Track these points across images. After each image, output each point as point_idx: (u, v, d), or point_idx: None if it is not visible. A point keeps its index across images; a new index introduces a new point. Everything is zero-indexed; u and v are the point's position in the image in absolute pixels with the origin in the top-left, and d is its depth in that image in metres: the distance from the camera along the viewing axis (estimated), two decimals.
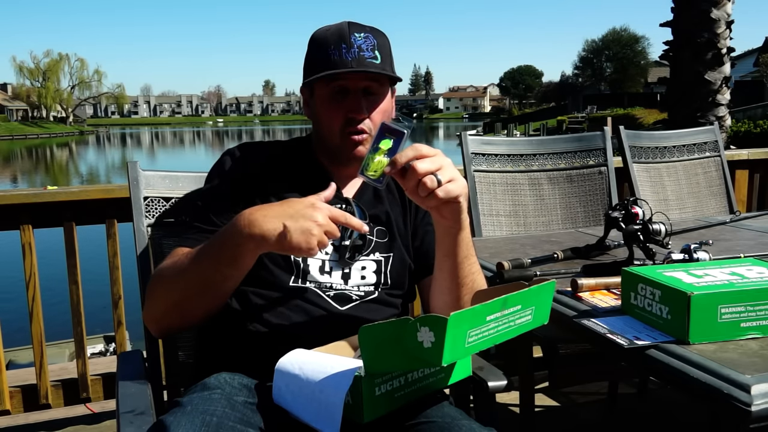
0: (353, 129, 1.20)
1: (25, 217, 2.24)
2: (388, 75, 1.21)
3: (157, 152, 54.71)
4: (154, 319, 1.19)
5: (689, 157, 2.63)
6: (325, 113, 1.23)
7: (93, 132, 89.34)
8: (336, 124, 1.21)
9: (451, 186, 0.99)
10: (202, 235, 1.16)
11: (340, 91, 1.20)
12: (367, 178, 1.01)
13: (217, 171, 1.28)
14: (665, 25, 6.42)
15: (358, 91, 1.20)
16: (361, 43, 1.19)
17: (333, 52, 1.18)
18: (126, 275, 2.28)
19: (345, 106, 1.20)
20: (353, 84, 1.20)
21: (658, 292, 1.04)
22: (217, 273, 1.07)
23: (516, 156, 2.26)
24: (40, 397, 2.34)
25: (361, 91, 1.20)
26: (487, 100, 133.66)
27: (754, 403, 0.83)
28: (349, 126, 1.20)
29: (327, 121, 1.22)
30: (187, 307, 1.13)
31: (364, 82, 1.20)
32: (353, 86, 1.20)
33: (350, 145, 1.21)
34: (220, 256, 1.05)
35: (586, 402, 2.53)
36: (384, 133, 1.01)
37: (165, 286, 1.13)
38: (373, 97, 1.22)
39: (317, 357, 1.04)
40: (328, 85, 1.21)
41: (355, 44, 1.18)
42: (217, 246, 1.06)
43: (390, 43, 1.25)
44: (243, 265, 1.06)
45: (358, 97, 1.20)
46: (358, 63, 1.18)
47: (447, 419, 1.06)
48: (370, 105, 1.21)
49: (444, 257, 1.13)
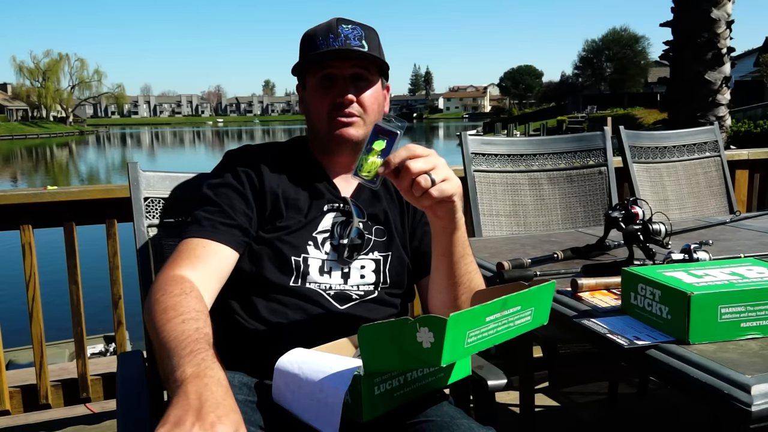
0: (340, 113, 1.22)
1: (25, 217, 2.25)
2: (376, 64, 1.24)
3: (157, 152, 54.69)
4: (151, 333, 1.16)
5: (689, 157, 2.63)
6: (314, 101, 1.26)
7: (93, 132, 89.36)
8: (324, 110, 1.24)
9: (445, 185, 1.00)
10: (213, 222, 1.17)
11: (328, 77, 1.23)
12: (361, 178, 1.01)
13: (222, 169, 1.28)
14: (665, 25, 6.42)
15: (345, 78, 1.23)
16: (348, 33, 1.23)
17: (321, 43, 1.22)
18: (126, 275, 2.28)
19: (332, 93, 1.23)
20: (340, 71, 1.22)
21: (658, 292, 1.04)
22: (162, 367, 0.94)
23: (516, 156, 2.26)
24: (40, 397, 2.34)
25: (348, 77, 1.23)
26: (487, 100, 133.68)
27: (754, 403, 0.83)
28: (336, 110, 1.23)
29: (316, 108, 1.25)
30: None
31: (351, 69, 1.23)
32: (340, 73, 1.23)
33: (337, 126, 1.23)
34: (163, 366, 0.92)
35: (586, 402, 2.53)
36: (377, 134, 1.02)
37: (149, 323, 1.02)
38: (362, 83, 1.24)
39: (317, 356, 1.04)
40: (316, 74, 1.24)
41: (342, 34, 1.22)
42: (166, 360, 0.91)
43: (379, 38, 1.28)
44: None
45: (345, 83, 1.23)
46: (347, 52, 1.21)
47: (446, 418, 1.06)
48: (359, 90, 1.24)
49: (440, 257, 1.13)
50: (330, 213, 1.26)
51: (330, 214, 1.25)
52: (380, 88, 1.29)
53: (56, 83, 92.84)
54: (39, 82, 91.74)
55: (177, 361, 0.88)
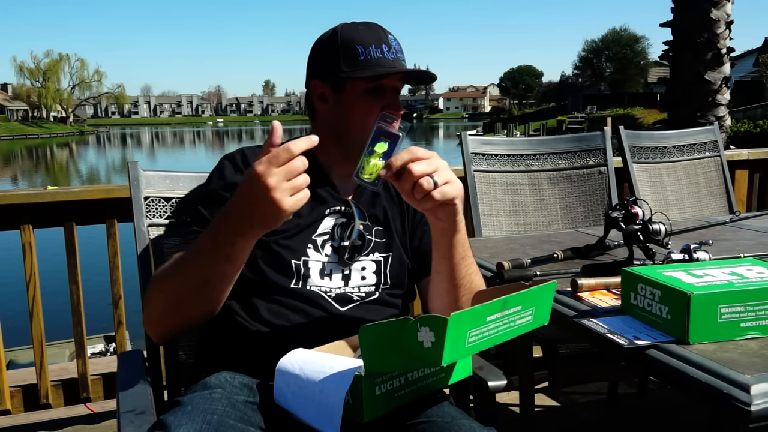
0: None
1: (26, 217, 2.25)
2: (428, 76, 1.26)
3: (157, 152, 54.68)
4: (153, 322, 1.18)
5: (689, 157, 2.63)
6: (360, 108, 1.22)
7: (93, 132, 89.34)
8: (371, 120, 1.20)
9: (448, 188, 0.99)
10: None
11: (378, 88, 1.22)
12: (363, 181, 1.01)
13: (217, 176, 1.27)
14: (665, 25, 6.43)
15: (393, 90, 1.24)
16: (395, 45, 1.24)
17: (375, 51, 1.21)
18: (126, 275, 2.28)
19: (382, 103, 1.22)
20: (392, 83, 1.23)
21: (657, 292, 1.04)
22: (215, 272, 1.06)
23: (516, 156, 2.26)
24: (41, 396, 2.34)
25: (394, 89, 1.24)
26: (487, 100, 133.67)
27: (753, 402, 0.83)
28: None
29: (361, 117, 1.22)
30: (185, 308, 1.12)
31: (399, 82, 1.24)
32: (391, 85, 1.23)
33: None
34: (217, 255, 1.05)
35: (586, 402, 2.53)
36: (379, 136, 1.01)
37: (162, 288, 1.13)
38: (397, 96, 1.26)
39: (318, 357, 1.04)
40: (367, 82, 1.21)
41: (392, 45, 1.23)
42: (209, 245, 1.05)
43: None
44: (239, 260, 1.06)
45: (395, 95, 1.24)
46: (398, 64, 1.23)
47: (447, 419, 1.06)
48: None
49: (440, 259, 1.13)
50: (331, 215, 1.25)
51: (331, 216, 1.25)
52: None
53: (56, 83, 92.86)
54: (39, 83, 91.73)
55: (213, 240, 1.03)
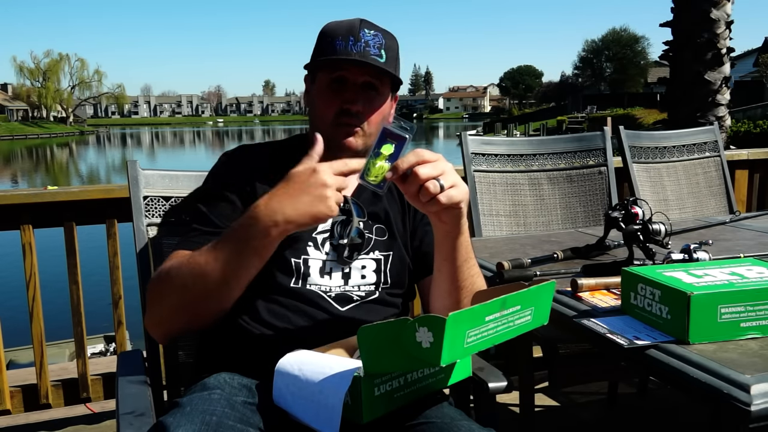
0: (346, 120, 1.20)
1: (26, 217, 2.24)
2: (389, 76, 1.21)
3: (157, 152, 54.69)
4: (159, 322, 1.17)
5: (689, 157, 2.63)
6: (322, 100, 1.23)
7: (93, 132, 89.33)
8: (330, 113, 1.21)
9: (454, 191, 0.99)
10: (203, 237, 1.15)
11: (340, 80, 1.20)
12: (368, 183, 1.00)
13: (216, 173, 1.28)
14: (665, 25, 6.43)
15: (356, 84, 1.20)
16: (369, 39, 1.20)
17: (339, 43, 1.19)
18: (126, 275, 2.28)
19: (342, 96, 1.20)
20: (353, 76, 1.20)
21: (657, 292, 1.04)
22: (241, 267, 1.06)
23: (516, 156, 2.26)
24: (41, 396, 2.34)
25: (360, 85, 1.20)
26: (487, 100, 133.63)
27: (753, 402, 0.83)
28: (343, 116, 1.20)
29: (322, 108, 1.22)
30: (200, 307, 1.11)
31: (364, 76, 1.20)
32: (353, 78, 1.20)
33: (341, 134, 1.21)
34: (244, 249, 1.04)
35: (586, 402, 2.53)
36: (385, 138, 1.00)
37: (175, 288, 1.10)
38: (372, 94, 1.22)
39: (317, 358, 1.04)
40: (328, 74, 1.21)
41: (362, 39, 1.19)
42: (236, 240, 1.05)
43: (398, 48, 1.25)
44: (266, 254, 1.06)
45: (356, 89, 1.20)
46: (361, 56, 1.18)
47: (446, 420, 1.06)
48: (368, 101, 1.21)
49: (443, 261, 1.12)
50: None
51: None
52: (389, 101, 1.27)
53: (56, 83, 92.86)
54: (39, 83, 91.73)
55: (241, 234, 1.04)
